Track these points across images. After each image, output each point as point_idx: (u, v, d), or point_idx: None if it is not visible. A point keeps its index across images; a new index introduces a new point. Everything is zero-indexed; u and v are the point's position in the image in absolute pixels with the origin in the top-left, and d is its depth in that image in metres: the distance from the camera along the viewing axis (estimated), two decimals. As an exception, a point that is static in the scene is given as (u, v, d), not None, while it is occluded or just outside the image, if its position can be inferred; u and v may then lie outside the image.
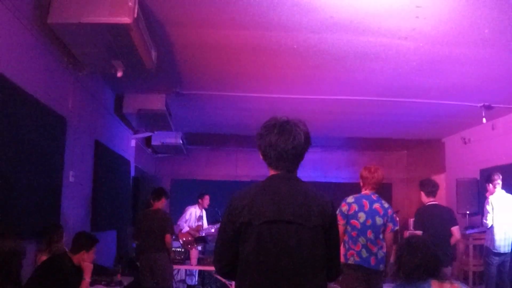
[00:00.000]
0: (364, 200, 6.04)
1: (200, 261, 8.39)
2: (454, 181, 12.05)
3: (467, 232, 9.95)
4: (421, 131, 12.81)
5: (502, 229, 8.18)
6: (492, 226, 8.16)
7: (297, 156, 2.99)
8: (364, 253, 5.85)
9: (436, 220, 7.13)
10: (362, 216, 5.93)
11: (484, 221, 8.16)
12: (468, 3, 5.31)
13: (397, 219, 6.70)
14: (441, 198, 13.28)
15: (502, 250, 8.10)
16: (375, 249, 5.84)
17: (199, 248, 10.13)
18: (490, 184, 8.49)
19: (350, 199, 6.11)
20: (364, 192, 6.19)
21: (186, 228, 11.55)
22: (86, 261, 5.46)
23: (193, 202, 12.37)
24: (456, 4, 5.33)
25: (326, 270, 2.93)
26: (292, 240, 2.80)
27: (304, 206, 2.87)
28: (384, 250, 5.94)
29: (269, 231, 2.80)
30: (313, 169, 16.44)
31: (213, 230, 11.27)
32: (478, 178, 10.98)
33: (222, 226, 2.99)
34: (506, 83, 8.18)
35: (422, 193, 7.51)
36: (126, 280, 7.58)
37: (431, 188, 7.42)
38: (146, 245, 7.68)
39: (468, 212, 11.17)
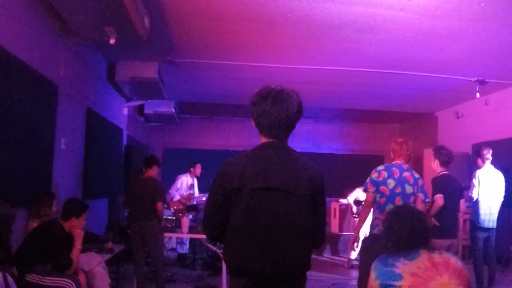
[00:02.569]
0: (394, 168, 6.05)
1: (191, 229, 8.39)
2: (446, 155, 12.08)
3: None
4: (414, 104, 12.84)
5: (488, 204, 8.19)
6: (477, 200, 8.17)
7: (289, 125, 3.01)
8: None
9: (451, 191, 7.06)
10: (391, 182, 5.95)
11: (470, 194, 8.17)
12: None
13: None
14: (433, 172, 13.37)
15: (486, 225, 8.10)
16: None
17: (190, 216, 10.16)
18: (479, 159, 8.49)
19: (380, 167, 6.18)
20: (395, 162, 6.20)
21: (177, 197, 11.59)
22: (76, 227, 5.46)
23: (185, 170, 12.34)
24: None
25: (312, 238, 3.01)
26: (280, 207, 2.86)
27: (293, 175, 2.92)
28: None
29: (258, 197, 2.85)
30: (306, 139, 16.50)
31: (204, 199, 11.28)
32: (470, 152, 11.01)
33: (212, 191, 3.03)
34: (500, 58, 8.17)
35: (437, 161, 7.23)
36: (117, 248, 7.60)
37: (448, 158, 7.20)
38: (137, 213, 7.66)
39: (459, 186, 11.21)
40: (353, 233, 8.91)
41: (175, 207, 10.97)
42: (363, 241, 6.26)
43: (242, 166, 2.91)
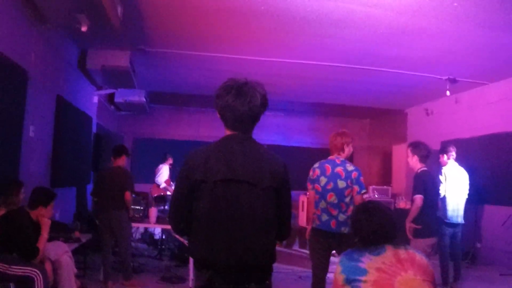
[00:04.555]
0: (326, 165, 6.11)
1: (159, 220, 8.37)
2: (415, 151, 12.20)
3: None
4: (385, 100, 12.93)
5: (455, 200, 8.31)
6: (444, 197, 8.27)
7: (253, 118, 3.02)
8: (324, 217, 5.90)
9: (432, 187, 7.05)
10: (323, 180, 6.01)
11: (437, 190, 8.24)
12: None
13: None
14: (403, 168, 13.48)
15: (454, 220, 8.23)
16: (335, 212, 5.85)
17: (162, 208, 10.20)
18: (445, 155, 8.56)
19: (316, 164, 6.24)
20: (330, 157, 6.24)
21: (163, 184, 12.29)
22: (44, 216, 5.41)
23: (157, 161, 12.71)
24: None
25: (277, 230, 3.03)
26: (244, 199, 2.88)
27: (257, 167, 2.94)
28: (349, 213, 5.88)
29: (222, 189, 2.86)
30: (276, 133, 16.52)
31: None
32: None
33: (177, 184, 3.04)
34: (472, 57, 8.27)
35: (416, 157, 6.99)
36: (84, 237, 7.55)
37: (427, 153, 7.11)
38: (106, 203, 7.61)
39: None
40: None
41: (156, 194, 11.45)
42: (309, 235, 6.28)
43: (205, 158, 2.91)
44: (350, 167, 6.11)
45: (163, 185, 12.27)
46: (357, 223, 3.38)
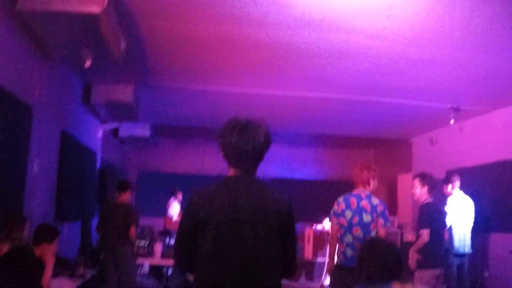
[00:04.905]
0: (352, 198, 6.13)
1: (163, 255, 8.34)
2: (420, 181, 12.15)
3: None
4: (389, 130, 12.91)
5: (461, 230, 8.29)
6: (450, 227, 8.26)
7: (256, 157, 3.04)
8: (349, 252, 5.88)
9: (439, 218, 7.02)
10: (348, 213, 6.02)
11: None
12: (441, 6, 5.33)
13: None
14: (408, 198, 13.40)
15: (461, 250, 8.22)
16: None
17: (167, 241, 10.21)
18: (450, 185, 8.57)
19: (340, 198, 6.25)
20: (354, 191, 6.25)
21: (175, 218, 12.65)
22: (48, 253, 5.38)
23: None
24: (428, 5, 5.34)
25: (282, 268, 3.03)
26: (248, 239, 2.88)
27: (262, 206, 2.95)
28: None
29: (226, 229, 2.87)
30: (279, 165, 16.47)
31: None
32: (444, 178, 11.07)
33: (181, 222, 3.06)
34: (475, 86, 8.26)
35: (425, 188, 7.03)
36: (89, 273, 7.51)
37: (434, 183, 7.10)
38: (110, 238, 7.61)
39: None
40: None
41: (169, 227, 11.96)
42: (332, 272, 6.26)
43: (209, 197, 2.93)
44: (375, 201, 6.12)
45: (175, 218, 12.61)
46: (364, 261, 3.36)
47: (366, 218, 5.98)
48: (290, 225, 3.07)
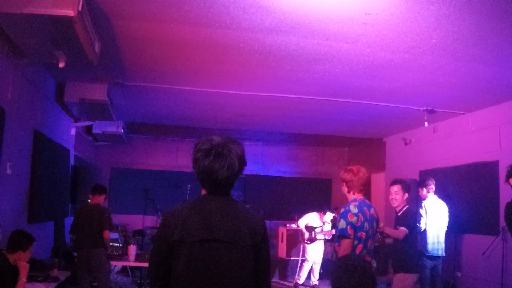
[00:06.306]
0: (364, 208, 5.48)
1: (138, 257, 8.31)
2: (393, 180, 12.26)
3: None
4: (363, 130, 13.00)
5: (435, 233, 8.40)
6: (425, 230, 8.37)
7: (231, 182, 3.02)
8: None
9: (414, 225, 7.08)
10: (367, 226, 5.40)
11: (418, 224, 8.29)
12: (418, 13, 5.36)
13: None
14: (381, 197, 13.53)
15: (435, 253, 8.33)
16: (370, 259, 5.37)
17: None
18: (424, 189, 8.69)
19: (354, 208, 5.44)
20: (359, 197, 5.58)
21: None
22: (22, 260, 5.33)
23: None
24: (405, 13, 5.38)
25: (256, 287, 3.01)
26: (222, 259, 2.87)
27: (235, 225, 2.94)
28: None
29: (200, 249, 2.86)
30: (254, 162, 16.52)
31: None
32: (418, 179, 11.15)
33: (155, 243, 3.04)
34: (449, 89, 8.35)
35: (406, 195, 7.02)
36: (63, 275, 7.45)
37: (410, 190, 7.18)
38: (84, 240, 7.57)
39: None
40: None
41: None
42: None
43: (183, 217, 2.91)
44: (373, 208, 5.70)
45: None
46: (337, 282, 3.32)
47: (375, 227, 5.60)
48: (264, 244, 3.06)
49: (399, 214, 6.98)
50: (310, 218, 11.31)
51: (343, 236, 5.30)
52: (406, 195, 7.02)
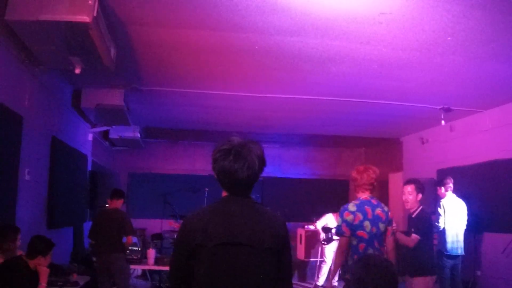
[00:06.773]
0: (366, 207, 5.55)
1: (157, 261, 8.33)
2: (410, 180, 12.17)
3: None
4: (380, 130, 12.94)
5: (454, 231, 8.33)
6: (444, 229, 8.30)
7: (251, 183, 2.98)
8: None
9: (430, 226, 7.00)
10: (368, 225, 5.45)
11: (436, 224, 8.23)
12: (433, 12, 5.34)
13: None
14: (399, 197, 13.44)
15: (454, 252, 8.26)
16: None
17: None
18: (442, 188, 8.63)
19: (352, 207, 5.58)
20: (362, 196, 5.70)
21: None
22: (42, 265, 5.35)
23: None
24: (419, 12, 5.35)
25: None
26: (244, 262, 2.84)
27: (257, 229, 2.90)
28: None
29: (221, 253, 2.82)
30: (271, 164, 16.47)
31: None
32: (435, 178, 11.07)
33: (176, 246, 3.02)
34: (465, 87, 8.30)
35: (420, 195, 6.88)
36: (82, 280, 7.47)
37: (424, 190, 7.09)
38: (103, 245, 7.58)
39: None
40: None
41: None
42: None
43: (205, 221, 2.87)
44: (385, 208, 5.69)
45: None
46: (358, 281, 3.28)
47: (382, 227, 5.53)
48: (286, 247, 3.03)
49: (413, 215, 6.87)
50: (327, 220, 11.30)
51: (338, 233, 5.54)
52: (420, 196, 6.83)
